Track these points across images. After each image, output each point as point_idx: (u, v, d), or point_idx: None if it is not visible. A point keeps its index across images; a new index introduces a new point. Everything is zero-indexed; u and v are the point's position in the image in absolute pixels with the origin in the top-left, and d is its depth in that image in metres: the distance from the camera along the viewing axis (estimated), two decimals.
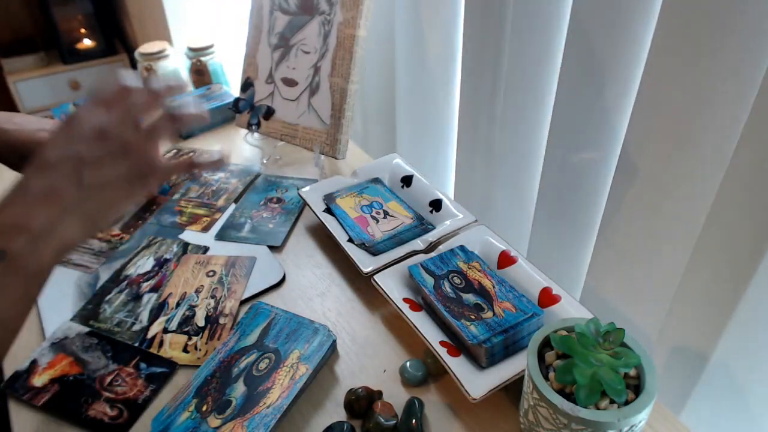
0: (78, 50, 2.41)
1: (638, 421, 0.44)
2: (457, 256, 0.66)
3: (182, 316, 0.65)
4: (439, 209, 0.76)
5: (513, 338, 0.57)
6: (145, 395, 0.57)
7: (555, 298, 0.60)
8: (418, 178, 0.80)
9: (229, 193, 0.85)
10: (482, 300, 0.60)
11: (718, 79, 0.49)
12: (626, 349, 0.48)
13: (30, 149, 0.68)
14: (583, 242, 0.71)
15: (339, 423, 0.53)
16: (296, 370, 0.56)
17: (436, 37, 0.85)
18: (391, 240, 0.71)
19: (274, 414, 0.52)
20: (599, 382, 0.44)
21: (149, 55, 1.08)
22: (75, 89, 2.42)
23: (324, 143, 0.86)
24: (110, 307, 0.67)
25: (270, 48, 0.91)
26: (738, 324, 0.55)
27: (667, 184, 0.57)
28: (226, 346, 0.60)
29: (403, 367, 0.58)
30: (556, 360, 0.48)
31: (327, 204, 0.77)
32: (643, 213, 0.60)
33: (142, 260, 0.73)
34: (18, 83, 2.32)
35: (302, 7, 0.87)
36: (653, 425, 0.54)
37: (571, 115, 0.65)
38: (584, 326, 0.48)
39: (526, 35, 0.68)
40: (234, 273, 0.70)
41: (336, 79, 0.84)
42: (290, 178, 0.88)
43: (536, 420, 0.47)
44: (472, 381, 0.53)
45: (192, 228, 0.79)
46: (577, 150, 0.66)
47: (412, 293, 0.64)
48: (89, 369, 0.60)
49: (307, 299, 0.68)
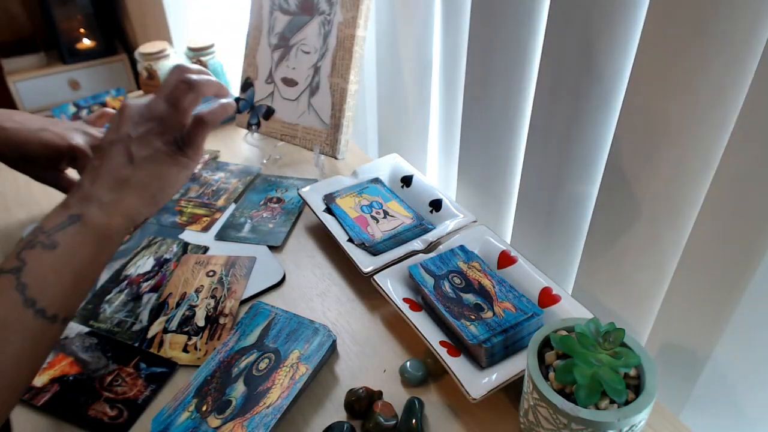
0: (78, 50, 2.41)
1: (638, 421, 0.45)
2: (457, 256, 0.66)
3: (182, 316, 0.65)
4: (439, 209, 0.76)
5: (513, 338, 0.57)
6: (145, 395, 0.57)
7: (555, 298, 0.60)
8: (418, 178, 0.81)
9: (229, 193, 0.85)
10: (482, 300, 0.60)
11: (707, 78, 0.49)
12: (626, 349, 0.48)
13: (31, 148, 0.69)
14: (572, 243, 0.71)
15: (339, 423, 0.53)
16: (296, 370, 0.56)
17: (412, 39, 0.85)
18: (391, 240, 0.71)
19: (274, 414, 0.52)
20: (599, 382, 0.44)
21: (149, 55, 1.08)
22: (75, 89, 2.42)
23: (324, 143, 0.86)
24: (110, 307, 0.67)
25: (270, 48, 0.91)
26: (737, 324, 0.55)
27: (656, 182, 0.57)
28: (226, 346, 0.60)
29: (403, 367, 0.58)
30: (556, 360, 0.48)
31: (327, 204, 0.77)
32: (632, 213, 0.60)
33: (142, 260, 0.73)
34: (18, 83, 2.32)
35: (302, 7, 0.87)
36: (653, 425, 0.54)
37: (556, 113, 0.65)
38: (584, 326, 0.48)
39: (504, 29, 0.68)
40: (234, 273, 0.70)
41: (336, 79, 0.84)
42: (290, 178, 0.88)
43: (536, 420, 0.47)
44: (472, 381, 0.53)
45: (192, 228, 0.79)
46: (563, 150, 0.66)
47: (412, 293, 0.64)
48: (89, 369, 0.60)
49: (307, 299, 0.68)
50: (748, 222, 0.50)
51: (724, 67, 0.48)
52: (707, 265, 0.55)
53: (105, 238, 0.50)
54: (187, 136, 0.56)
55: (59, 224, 0.49)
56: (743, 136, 0.47)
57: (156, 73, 1.08)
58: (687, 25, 0.48)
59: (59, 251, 0.47)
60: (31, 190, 0.88)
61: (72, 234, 0.49)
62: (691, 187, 0.55)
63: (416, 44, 0.84)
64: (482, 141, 0.78)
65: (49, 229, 0.48)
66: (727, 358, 0.58)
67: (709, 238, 0.54)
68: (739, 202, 0.50)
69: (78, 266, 0.48)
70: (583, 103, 0.61)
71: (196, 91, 0.56)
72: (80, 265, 0.48)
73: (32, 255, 0.47)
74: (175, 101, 0.55)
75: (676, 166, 0.55)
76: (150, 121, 0.55)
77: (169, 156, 0.55)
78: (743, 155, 0.48)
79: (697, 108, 0.51)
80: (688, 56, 0.49)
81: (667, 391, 0.63)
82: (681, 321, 0.60)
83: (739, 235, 0.51)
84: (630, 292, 0.65)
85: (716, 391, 0.60)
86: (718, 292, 0.55)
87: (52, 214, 0.50)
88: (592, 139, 0.63)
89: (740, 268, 0.52)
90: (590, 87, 0.60)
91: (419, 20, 0.81)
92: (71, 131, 0.71)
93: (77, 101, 1.05)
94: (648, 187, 0.58)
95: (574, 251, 0.72)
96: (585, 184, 0.66)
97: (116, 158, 0.53)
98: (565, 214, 0.70)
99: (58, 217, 0.49)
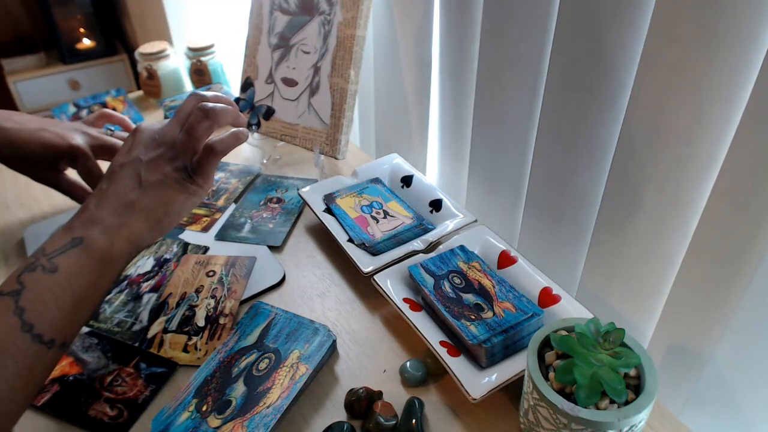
0: (78, 50, 2.41)
1: (638, 421, 0.45)
2: (457, 256, 0.66)
3: (182, 316, 0.65)
4: (439, 209, 0.76)
5: (513, 338, 0.57)
6: (145, 395, 0.57)
7: (555, 298, 0.60)
8: (418, 178, 0.81)
9: (229, 193, 0.85)
10: (482, 300, 0.60)
11: (713, 74, 0.49)
12: (626, 349, 0.48)
13: (31, 148, 0.69)
14: (578, 241, 0.71)
15: (339, 423, 0.53)
16: (296, 370, 0.56)
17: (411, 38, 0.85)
18: (391, 240, 0.71)
19: (274, 414, 0.52)
20: (599, 382, 0.44)
21: (149, 55, 1.08)
22: (75, 89, 2.42)
23: (324, 143, 0.86)
24: (110, 307, 0.67)
25: (270, 48, 0.91)
26: (738, 323, 0.55)
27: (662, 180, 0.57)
28: (226, 346, 0.60)
29: (403, 367, 0.58)
30: (556, 360, 0.48)
31: (327, 204, 0.77)
32: (639, 210, 0.60)
33: (142, 260, 0.73)
34: (18, 83, 2.32)
35: (302, 7, 0.87)
36: (653, 425, 0.54)
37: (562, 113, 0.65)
38: (584, 326, 0.48)
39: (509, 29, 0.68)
40: (234, 273, 0.70)
41: (336, 79, 0.84)
42: (290, 178, 0.88)
43: (536, 420, 0.47)
44: (472, 381, 0.53)
45: (192, 228, 0.79)
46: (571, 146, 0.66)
47: (412, 293, 0.64)
48: (89, 369, 0.60)
49: (307, 299, 0.68)
50: (753, 220, 0.50)
51: (730, 63, 0.48)
52: (712, 264, 0.55)
53: (107, 262, 0.50)
54: (198, 165, 0.56)
55: (61, 247, 0.48)
56: (749, 133, 0.47)
57: (156, 73, 1.08)
58: (693, 22, 0.48)
59: (59, 275, 0.47)
60: (31, 190, 0.88)
61: (73, 257, 0.48)
62: (696, 185, 0.55)
63: (415, 42, 0.84)
64: (494, 139, 0.78)
65: (51, 252, 0.48)
66: (727, 358, 0.58)
67: (714, 236, 0.54)
68: (743, 200, 0.50)
69: (78, 291, 0.48)
70: (591, 100, 0.61)
71: (211, 120, 0.56)
72: (80, 289, 0.48)
73: (32, 278, 0.46)
74: (190, 128, 0.55)
75: (682, 163, 0.55)
76: (162, 146, 0.55)
77: (178, 182, 0.55)
78: (749, 152, 0.48)
79: (703, 105, 0.51)
80: (695, 53, 0.49)
81: (667, 391, 0.63)
82: (684, 321, 0.60)
83: (744, 233, 0.51)
84: (634, 291, 0.65)
85: (716, 391, 0.60)
86: (722, 291, 0.55)
87: (55, 236, 0.50)
88: (600, 136, 0.63)
89: (743, 267, 0.52)
90: (599, 84, 0.60)
91: (418, 18, 0.81)
92: (71, 131, 0.71)
93: (77, 101, 1.05)
94: (654, 185, 0.58)
95: (580, 249, 0.72)
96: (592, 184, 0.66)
97: (125, 181, 0.53)
98: (572, 211, 0.70)
99: (60, 239, 0.49)
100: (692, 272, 0.57)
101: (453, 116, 0.86)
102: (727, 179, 0.51)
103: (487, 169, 0.82)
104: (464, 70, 0.79)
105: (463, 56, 0.79)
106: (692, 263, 0.57)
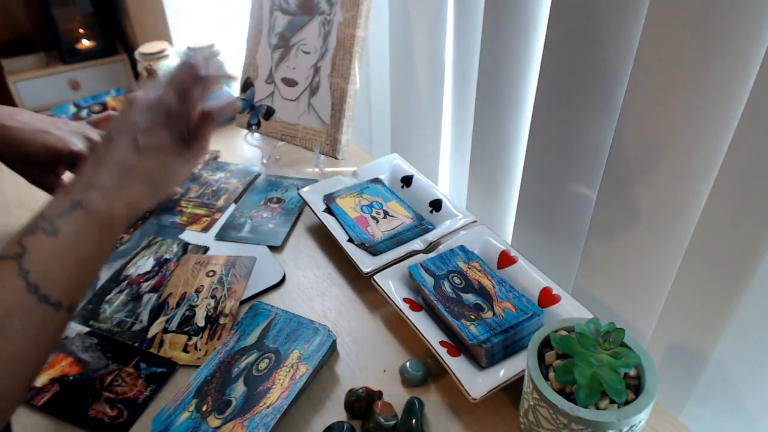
0: (78, 50, 2.41)
1: (638, 421, 0.45)
2: (457, 256, 0.66)
3: (182, 316, 0.65)
4: (439, 209, 0.76)
5: (513, 338, 0.57)
6: (145, 395, 0.57)
7: (555, 298, 0.60)
8: (418, 178, 0.81)
9: (229, 193, 0.85)
10: (482, 300, 0.60)
11: (708, 77, 0.49)
12: (626, 349, 0.48)
13: (30, 149, 0.68)
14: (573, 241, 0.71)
15: (339, 423, 0.53)
16: (296, 370, 0.56)
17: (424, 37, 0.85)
18: (391, 240, 0.71)
19: (274, 414, 0.52)
20: (599, 382, 0.44)
21: (149, 55, 1.08)
22: (75, 89, 2.42)
23: (324, 143, 0.86)
24: (110, 307, 0.67)
25: (270, 48, 0.91)
26: (738, 323, 0.55)
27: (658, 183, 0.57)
28: (226, 346, 0.60)
29: (403, 367, 0.58)
30: (556, 360, 0.48)
31: (327, 204, 0.77)
32: (634, 212, 0.60)
33: (142, 260, 0.73)
34: (18, 83, 2.32)
35: (302, 7, 0.87)
36: (653, 425, 0.54)
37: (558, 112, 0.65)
38: (584, 326, 0.48)
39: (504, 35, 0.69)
40: (234, 273, 0.70)
41: (336, 79, 0.84)
42: (290, 178, 0.88)
43: (536, 420, 0.47)
44: (472, 381, 0.53)
45: (192, 228, 0.79)
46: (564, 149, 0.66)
47: (412, 293, 0.64)
48: (89, 369, 0.60)
49: (307, 299, 0.68)
50: (750, 222, 0.50)
51: (726, 66, 0.48)
52: (710, 265, 0.55)
53: (107, 225, 0.50)
54: (194, 130, 0.57)
55: (61, 210, 0.48)
56: (746, 136, 0.47)
57: (156, 73, 1.08)
58: (688, 24, 0.48)
59: (61, 237, 0.47)
60: (32, 190, 0.87)
61: (74, 220, 0.48)
62: (693, 187, 0.55)
63: (429, 44, 0.84)
64: (492, 140, 0.78)
65: (51, 215, 0.48)
66: (727, 357, 0.58)
67: (712, 237, 0.54)
68: (740, 203, 0.50)
69: (80, 253, 0.48)
70: (586, 103, 0.61)
71: (203, 84, 0.57)
72: (82, 252, 0.48)
73: (34, 241, 0.46)
74: (184, 94, 0.56)
75: (678, 166, 0.55)
76: (158, 113, 0.55)
77: (174, 148, 0.56)
78: (746, 155, 0.48)
79: (698, 108, 0.51)
80: (690, 56, 0.49)
81: (667, 391, 0.63)
82: (683, 321, 0.60)
83: (741, 235, 0.51)
84: (632, 292, 0.65)
85: (716, 390, 0.60)
86: (720, 291, 0.55)
87: (54, 201, 0.50)
88: (594, 139, 0.63)
89: (742, 268, 0.52)
90: (592, 87, 0.60)
91: (432, 19, 0.81)
92: (73, 135, 0.71)
93: (77, 101, 1.05)
94: (650, 188, 0.58)
95: (575, 251, 0.72)
96: (586, 185, 0.66)
97: (123, 146, 0.53)
98: (566, 213, 0.70)
99: (59, 203, 0.49)
100: (691, 272, 0.57)
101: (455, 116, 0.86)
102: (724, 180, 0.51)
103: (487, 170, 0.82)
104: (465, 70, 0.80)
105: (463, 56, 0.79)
106: (691, 263, 0.57)
